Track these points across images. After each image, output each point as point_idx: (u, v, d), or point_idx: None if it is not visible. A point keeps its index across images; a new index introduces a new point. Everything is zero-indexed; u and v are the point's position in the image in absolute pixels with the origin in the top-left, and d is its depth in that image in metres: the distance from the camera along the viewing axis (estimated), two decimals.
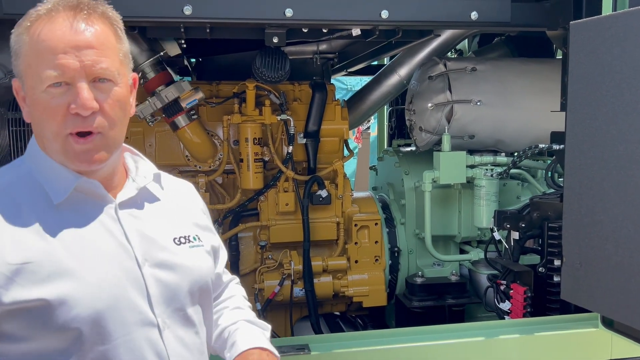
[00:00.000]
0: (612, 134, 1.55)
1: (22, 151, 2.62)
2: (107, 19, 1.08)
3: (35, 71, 1.02)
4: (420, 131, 2.86)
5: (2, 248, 1.00)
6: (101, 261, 1.07)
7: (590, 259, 1.65)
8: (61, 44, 1.01)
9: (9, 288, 0.99)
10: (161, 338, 1.11)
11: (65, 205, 1.08)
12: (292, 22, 2.03)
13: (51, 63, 1.01)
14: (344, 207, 2.91)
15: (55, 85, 1.02)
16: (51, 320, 1.00)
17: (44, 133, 1.06)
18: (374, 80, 3.18)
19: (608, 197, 1.57)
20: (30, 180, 1.10)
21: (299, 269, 2.76)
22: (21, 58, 1.05)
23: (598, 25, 1.58)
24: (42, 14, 1.04)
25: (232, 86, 2.75)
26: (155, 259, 1.14)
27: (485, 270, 2.85)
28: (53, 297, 1.00)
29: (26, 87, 1.06)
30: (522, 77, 2.81)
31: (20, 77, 1.07)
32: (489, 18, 2.13)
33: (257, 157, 2.69)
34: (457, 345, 2.06)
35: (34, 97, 1.04)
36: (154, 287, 1.12)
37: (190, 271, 1.18)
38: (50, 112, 1.03)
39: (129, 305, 1.08)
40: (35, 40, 1.02)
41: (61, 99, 1.02)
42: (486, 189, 2.69)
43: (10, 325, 1.00)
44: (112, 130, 1.08)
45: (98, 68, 1.04)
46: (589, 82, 1.62)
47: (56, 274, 1.01)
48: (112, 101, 1.07)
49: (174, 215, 1.24)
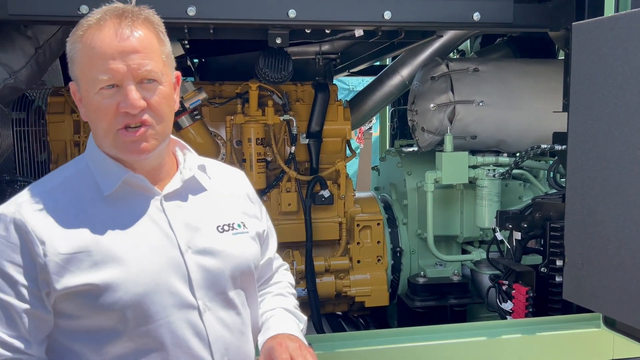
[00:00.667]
0: (614, 135, 1.56)
1: (25, 151, 2.65)
2: (150, 23, 1.18)
3: (89, 75, 1.14)
4: (422, 131, 2.87)
5: (55, 239, 1.11)
6: (145, 249, 1.17)
7: (592, 259, 1.65)
8: (109, 50, 1.12)
9: (61, 275, 1.10)
10: (201, 320, 1.20)
11: (115, 197, 1.19)
12: (295, 23, 2.04)
13: (102, 68, 1.12)
14: (347, 207, 2.91)
15: (106, 88, 1.13)
16: (98, 303, 1.12)
17: (98, 130, 1.18)
18: (377, 81, 3.19)
19: (610, 197, 1.58)
20: (87, 174, 1.21)
21: (302, 268, 2.76)
22: (76, 64, 1.16)
23: (600, 26, 1.59)
24: (92, 23, 1.14)
25: (235, 87, 2.76)
26: (198, 247, 1.23)
27: (487, 271, 2.86)
28: (99, 282, 1.11)
29: (82, 90, 1.17)
30: (524, 78, 2.82)
31: (77, 81, 1.18)
32: (491, 19, 2.14)
33: (259, 157, 2.69)
34: (459, 345, 2.07)
35: (89, 99, 1.16)
36: (195, 272, 1.21)
37: (232, 257, 1.27)
38: (102, 111, 1.14)
39: (170, 290, 1.17)
40: (88, 48, 1.13)
41: (112, 100, 1.14)
42: (488, 189, 2.69)
43: (66, 306, 1.13)
44: (159, 124, 1.19)
45: (143, 70, 1.14)
46: (591, 83, 1.62)
47: (103, 261, 1.13)
48: (158, 98, 1.17)
49: (220, 204, 1.32)
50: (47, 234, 1.11)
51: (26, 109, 2.66)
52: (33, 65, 2.18)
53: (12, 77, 2.10)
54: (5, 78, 2.10)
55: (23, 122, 2.64)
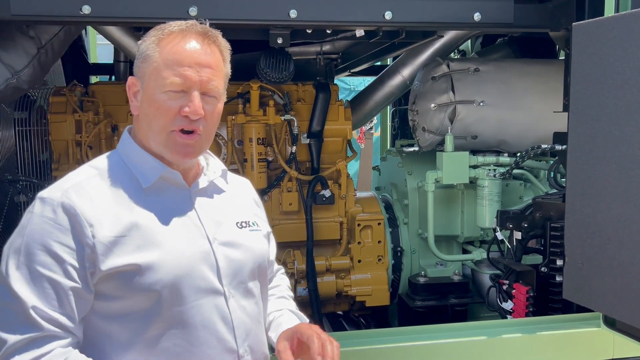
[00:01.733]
0: (614, 135, 1.56)
1: (27, 150, 2.66)
2: (221, 46, 1.32)
3: (161, 75, 1.23)
4: (423, 131, 2.87)
5: (102, 223, 1.19)
6: (180, 237, 1.26)
7: (592, 259, 1.66)
8: (188, 59, 1.24)
9: (107, 256, 1.18)
10: (227, 305, 1.30)
11: (151, 190, 1.28)
12: (297, 23, 2.05)
13: (177, 72, 1.23)
14: (347, 207, 2.92)
15: (175, 91, 1.23)
16: (139, 282, 1.19)
17: (152, 126, 1.26)
18: (378, 81, 3.19)
19: (610, 197, 1.58)
20: (122, 166, 1.30)
21: (303, 268, 2.77)
22: (148, 62, 1.25)
23: (600, 26, 1.59)
24: (175, 31, 1.26)
25: (237, 86, 2.77)
26: (223, 239, 1.33)
27: (487, 270, 2.86)
28: (142, 262, 1.19)
29: (145, 86, 1.26)
30: (524, 78, 2.82)
31: (142, 77, 1.27)
32: (492, 19, 2.14)
33: (260, 157, 2.70)
34: (459, 344, 2.07)
35: (153, 96, 1.24)
36: (222, 261, 1.31)
37: (251, 251, 1.38)
38: (164, 109, 1.24)
39: (201, 275, 1.27)
40: (168, 52, 1.24)
41: (176, 102, 1.24)
42: (489, 189, 2.70)
43: (106, 286, 1.19)
44: (207, 136, 1.31)
45: (210, 85, 1.26)
46: (591, 83, 1.63)
47: (144, 245, 1.21)
48: (214, 113, 1.30)
49: (237, 204, 1.44)
50: (94, 217, 1.18)
51: (28, 108, 2.67)
52: (35, 65, 2.18)
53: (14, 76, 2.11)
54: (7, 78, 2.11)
55: (25, 121, 2.65)
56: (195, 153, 1.30)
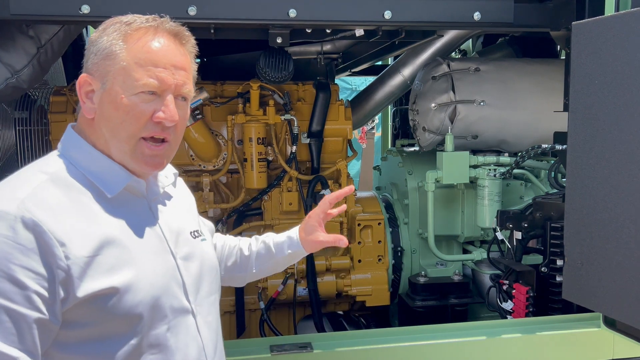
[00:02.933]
0: (614, 134, 1.55)
1: (28, 150, 2.66)
2: (192, 49, 1.22)
3: (132, 76, 1.10)
4: (423, 131, 2.87)
5: (74, 240, 1.04)
6: (149, 253, 1.16)
7: (592, 259, 1.65)
8: (164, 59, 1.13)
9: (83, 279, 1.04)
10: (196, 323, 1.22)
11: (115, 200, 1.15)
12: (296, 23, 2.04)
13: (152, 73, 1.11)
14: (347, 206, 2.91)
15: (148, 93, 1.11)
16: (118, 306, 1.07)
17: (117, 132, 1.13)
18: (378, 81, 3.19)
19: (610, 196, 1.58)
20: (75, 172, 1.13)
21: (303, 268, 2.77)
22: (112, 60, 1.11)
23: (600, 25, 1.59)
24: (145, 27, 1.14)
25: (237, 86, 2.77)
26: (183, 252, 1.24)
27: (488, 270, 2.86)
28: (121, 284, 1.07)
29: (109, 87, 1.12)
30: (525, 78, 2.81)
31: (103, 76, 1.12)
32: (492, 19, 2.14)
33: (261, 157, 2.70)
34: (459, 344, 2.07)
35: (121, 99, 1.11)
36: (187, 277, 1.22)
37: (207, 261, 1.30)
38: (135, 114, 1.11)
39: (174, 294, 1.17)
40: (139, 50, 1.11)
41: (149, 106, 1.12)
42: (489, 189, 2.69)
43: (78, 313, 1.05)
44: (175, 144, 1.20)
45: (184, 88, 1.16)
46: (591, 83, 1.62)
47: (118, 264, 1.08)
48: (183, 119, 1.20)
49: (184, 211, 1.34)
50: (64, 234, 1.03)
51: (28, 108, 2.67)
52: (35, 64, 2.19)
53: (14, 76, 2.11)
54: (7, 77, 2.11)
55: (25, 121, 2.65)
56: (164, 164, 1.20)
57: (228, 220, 2.83)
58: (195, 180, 2.81)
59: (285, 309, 2.91)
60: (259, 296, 2.76)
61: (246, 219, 2.86)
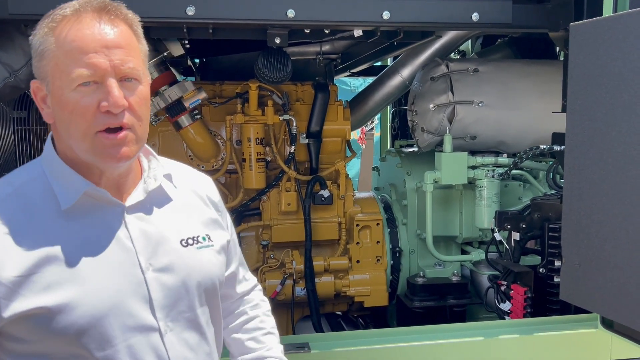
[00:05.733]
0: (611, 135, 1.56)
1: (27, 150, 2.66)
2: (129, 20, 1.10)
3: (65, 70, 1.03)
4: (422, 132, 2.87)
5: (6, 260, 1.01)
6: (104, 268, 1.08)
7: (589, 260, 1.65)
8: (92, 43, 1.02)
9: (11, 300, 1.00)
10: (162, 342, 1.13)
11: (75, 210, 1.08)
12: (294, 23, 2.05)
13: (82, 62, 1.02)
14: (346, 207, 2.92)
15: (84, 85, 1.03)
16: (52, 326, 1.02)
17: (71, 133, 1.06)
18: (377, 81, 3.19)
19: (607, 197, 1.58)
20: (44, 182, 1.09)
21: (301, 268, 2.77)
22: (47, 59, 1.05)
23: (598, 26, 1.59)
24: (68, 14, 1.05)
25: (235, 86, 2.77)
26: (160, 263, 1.15)
27: (486, 271, 2.86)
28: (52, 304, 1.02)
29: (52, 88, 1.05)
30: (524, 79, 2.82)
31: (44, 78, 1.07)
32: (490, 19, 2.14)
33: (259, 157, 2.70)
34: (457, 345, 2.07)
35: (62, 97, 1.04)
36: (157, 291, 1.13)
37: (196, 273, 1.19)
38: (79, 110, 1.03)
39: (129, 311, 1.09)
40: (64, 41, 1.03)
41: (91, 98, 1.03)
42: (487, 189, 2.69)
43: (16, 329, 1.03)
44: (139, 127, 1.10)
45: (126, 67, 1.05)
46: (588, 84, 1.62)
47: (57, 282, 1.03)
48: (138, 99, 1.08)
49: (185, 215, 1.23)
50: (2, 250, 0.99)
51: (27, 108, 2.67)
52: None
53: (12, 76, 2.11)
54: (5, 77, 2.11)
55: (24, 121, 2.65)
56: (130, 152, 1.08)
57: None
58: None
59: (284, 309, 2.90)
60: None
61: (245, 219, 2.86)
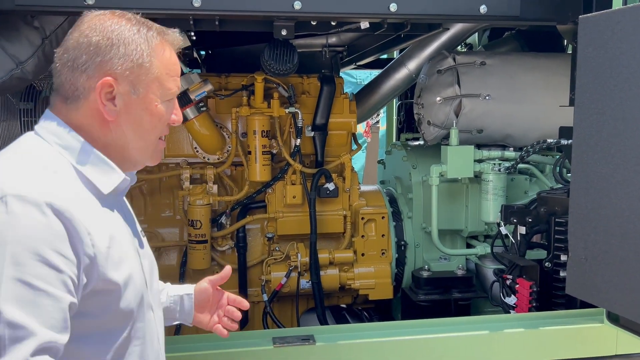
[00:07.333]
0: (620, 129, 1.54)
1: None
2: None
3: (165, 85, 1.19)
4: (428, 125, 2.86)
5: (95, 229, 1.07)
6: (131, 247, 1.21)
7: (596, 254, 1.65)
8: (178, 69, 1.24)
9: (103, 269, 1.07)
10: (154, 317, 1.27)
11: (108, 197, 1.18)
12: (301, 15, 2.04)
13: (175, 82, 1.22)
14: (351, 200, 2.91)
15: (171, 100, 1.22)
16: (118, 301, 1.12)
17: (147, 135, 1.20)
18: (383, 74, 3.18)
19: (614, 191, 1.57)
20: (65, 164, 1.13)
21: (306, 261, 2.77)
22: (147, 69, 1.16)
23: (607, 19, 1.57)
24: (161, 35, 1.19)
25: (241, 78, 2.76)
26: (141, 249, 1.28)
27: (491, 265, 2.85)
28: (122, 280, 1.12)
29: (143, 95, 1.16)
30: (531, 72, 2.80)
31: (135, 84, 1.15)
32: (498, 12, 2.12)
33: (265, 150, 2.70)
34: (462, 338, 2.07)
35: (153, 106, 1.18)
36: (146, 272, 1.26)
37: (152, 257, 1.35)
38: (164, 120, 1.21)
39: (143, 290, 1.22)
40: (167, 61, 1.19)
41: (170, 111, 1.23)
42: (494, 183, 2.68)
43: (87, 304, 1.07)
44: None
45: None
46: (597, 77, 1.61)
47: (121, 259, 1.13)
48: None
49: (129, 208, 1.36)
50: (89, 222, 1.05)
51: (34, 99, 2.67)
52: (40, 55, 2.18)
53: (19, 67, 2.11)
54: (12, 68, 2.11)
55: (30, 112, 2.65)
56: None
57: (232, 212, 2.84)
58: (199, 172, 2.81)
59: (289, 301, 2.91)
60: (262, 289, 2.77)
61: (250, 211, 2.86)
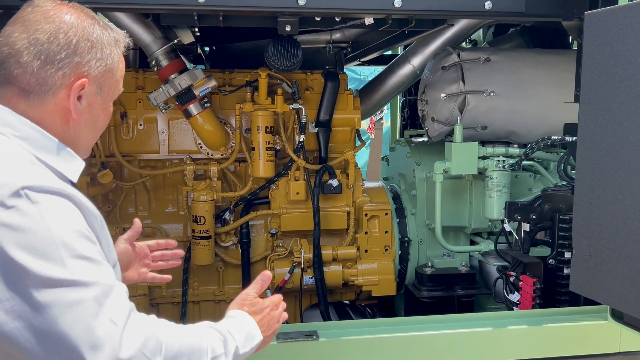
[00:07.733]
0: (625, 126, 1.54)
1: None
2: None
3: (118, 87, 1.29)
4: (432, 121, 2.85)
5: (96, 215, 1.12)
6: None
7: (600, 251, 1.64)
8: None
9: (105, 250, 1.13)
10: None
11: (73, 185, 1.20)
12: (305, 11, 2.03)
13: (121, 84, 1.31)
14: (355, 196, 2.91)
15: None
16: None
17: (98, 131, 1.29)
18: (387, 70, 3.17)
19: (619, 189, 1.56)
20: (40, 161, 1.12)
21: (309, 257, 2.77)
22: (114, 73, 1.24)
23: (613, 15, 1.57)
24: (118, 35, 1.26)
25: (245, 74, 2.76)
26: None
27: (495, 262, 2.85)
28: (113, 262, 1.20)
29: (105, 95, 1.24)
30: (536, 68, 2.79)
31: (102, 85, 1.22)
32: (503, 8, 2.11)
33: (268, 146, 2.70)
34: (465, 335, 2.07)
35: (107, 105, 1.27)
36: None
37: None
38: (109, 116, 1.30)
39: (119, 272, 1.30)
40: (123, 64, 1.28)
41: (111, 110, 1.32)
42: (497, 180, 2.68)
43: None
44: None
45: None
46: (602, 73, 1.60)
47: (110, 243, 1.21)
48: None
49: None
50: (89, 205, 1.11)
51: None
52: None
53: None
54: None
55: None
56: None
57: (236, 208, 2.84)
58: (203, 168, 2.82)
59: (292, 297, 2.92)
60: None
61: (253, 207, 2.87)
